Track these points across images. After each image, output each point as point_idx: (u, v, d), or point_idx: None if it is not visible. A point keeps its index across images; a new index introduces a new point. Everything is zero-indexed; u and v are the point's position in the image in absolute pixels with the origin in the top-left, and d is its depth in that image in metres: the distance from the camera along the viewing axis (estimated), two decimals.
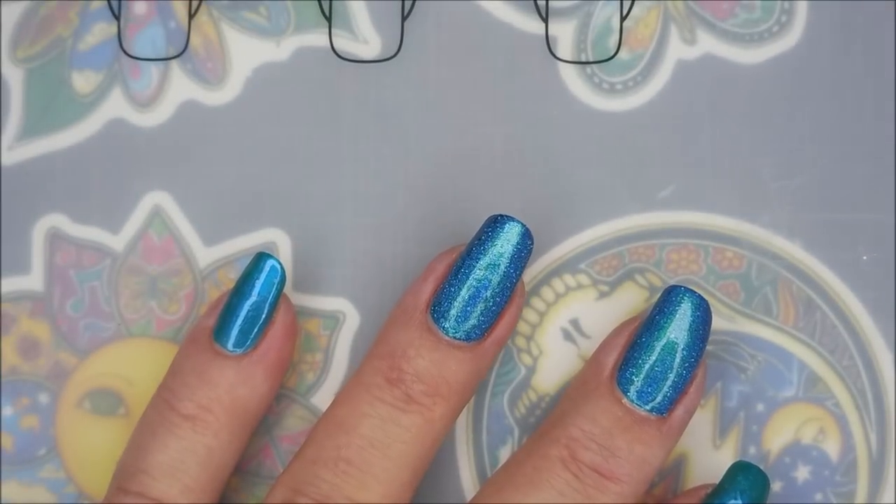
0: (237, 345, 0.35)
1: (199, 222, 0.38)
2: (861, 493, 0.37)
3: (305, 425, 0.37)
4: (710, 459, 0.37)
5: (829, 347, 0.37)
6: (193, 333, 0.35)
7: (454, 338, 0.34)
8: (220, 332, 0.35)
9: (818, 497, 0.37)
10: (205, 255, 0.38)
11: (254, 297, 0.35)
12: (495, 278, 0.34)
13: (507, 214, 0.35)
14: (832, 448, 0.37)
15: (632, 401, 0.34)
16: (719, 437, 0.37)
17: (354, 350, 0.37)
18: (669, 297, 0.34)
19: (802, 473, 0.37)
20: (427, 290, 0.35)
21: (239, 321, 0.35)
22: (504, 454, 0.37)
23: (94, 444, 0.37)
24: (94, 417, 0.37)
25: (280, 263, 0.35)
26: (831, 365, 0.37)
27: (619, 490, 0.34)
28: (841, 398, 0.37)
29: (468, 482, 0.37)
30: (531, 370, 0.37)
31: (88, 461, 0.37)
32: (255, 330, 0.35)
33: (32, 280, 0.38)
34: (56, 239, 0.38)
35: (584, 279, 0.37)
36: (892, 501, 0.37)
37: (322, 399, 0.37)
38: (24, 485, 0.37)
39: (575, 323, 0.37)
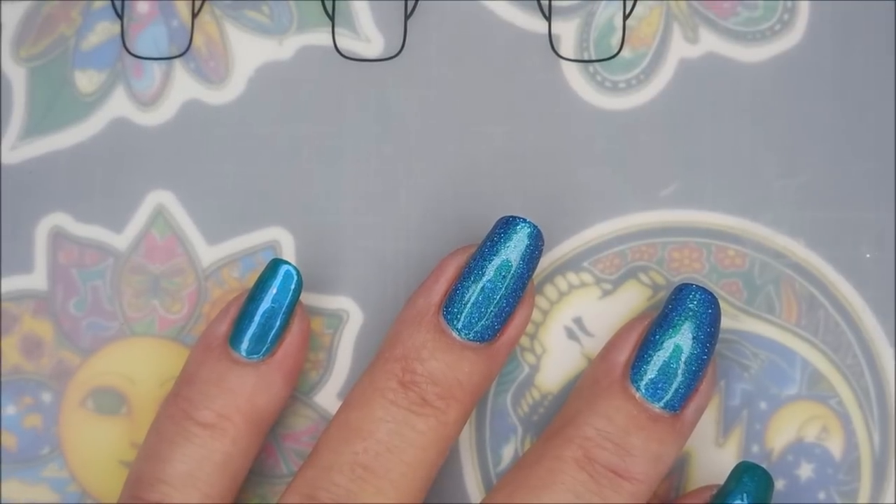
0: (255, 352, 0.35)
1: (201, 221, 0.38)
2: (864, 491, 0.37)
3: (308, 424, 0.37)
4: (713, 458, 0.37)
5: (832, 345, 0.37)
6: (206, 341, 0.35)
7: (467, 339, 0.34)
8: (238, 339, 0.35)
9: (821, 495, 0.37)
10: (207, 254, 0.38)
11: (272, 304, 0.35)
12: (507, 279, 0.34)
13: (518, 216, 0.35)
14: (835, 446, 0.37)
15: (646, 398, 0.34)
16: (722, 436, 0.37)
17: (357, 348, 0.37)
18: (681, 294, 0.34)
19: (805, 471, 0.37)
20: (439, 291, 0.35)
21: (258, 328, 0.35)
22: (507, 453, 0.37)
23: (97, 444, 0.37)
24: (97, 416, 0.37)
25: (295, 268, 0.35)
26: (834, 363, 0.37)
27: (633, 489, 0.33)
28: (844, 396, 0.37)
29: (471, 481, 0.37)
30: (534, 368, 0.37)
31: (91, 460, 0.37)
32: (274, 337, 0.35)
33: (35, 279, 0.38)
34: (59, 238, 0.38)
35: (587, 277, 0.37)
36: (895, 500, 0.37)
37: (325, 398, 0.37)
38: (26, 484, 0.37)
39: (578, 321, 0.37)
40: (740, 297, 0.37)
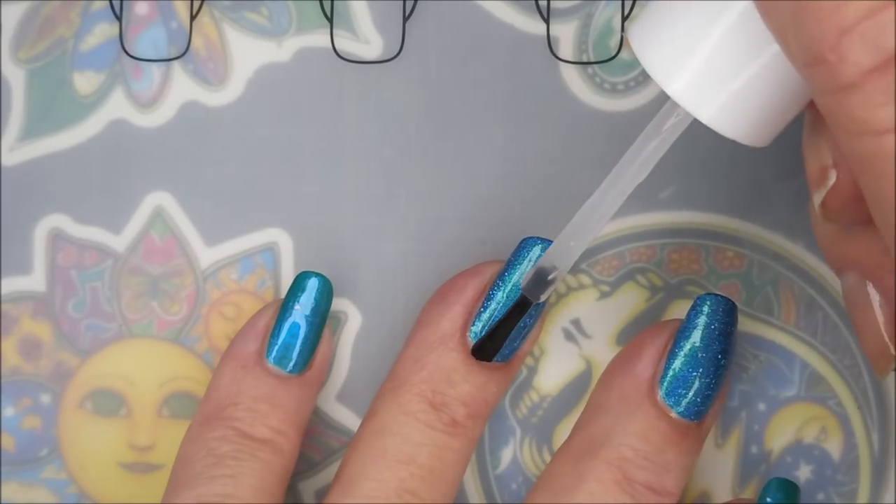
0: (298, 366, 0.35)
1: (200, 223, 0.38)
2: (863, 492, 0.37)
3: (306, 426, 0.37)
4: (711, 459, 0.37)
5: (831, 347, 0.37)
6: (240, 360, 0.35)
7: (495, 360, 0.35)
8: (282, 356, 0.35)
9: (820, 496, 0.37)
10: (206, 256, 0.38)
11: (310, 319, 0.35)
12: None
13: (537, 238, 0.35)
14: (834, 447, 0.37)
15: (677, 413, 0.34)
16: (721, 437, 0.37)
17: (356, 350, 0.37)
18: (704, 307, 0.35)
19: (804, 473, 0.37)
20: (461, 312, 0.35)
21: (297, 342, 0.35)
22: (506, 455, 0.37)
23: (95, 445, 0.37)
24: (96, 418, 0.37)
25: (325, 278, 0.35)
26: (833, 364, 0.37)
27: (668, 502, 0.34)
28: (843, 397, 0.37)
29: (470, 483, 0.37)
30: (533, 370, 0.37)
31: (90, 462, 0.37)
32: (312, 349, 0.35)
33: (34, 280, 0.38)
34: (58, 239, 0.38)
35: (585, 279, 0.37)
36: (894, 501, 0.37)
37: (323, 399, 0.37)
38: (25, 485, 0.37)
39: (576, 323, 0.37)
40: (739, 299, 0.37)
